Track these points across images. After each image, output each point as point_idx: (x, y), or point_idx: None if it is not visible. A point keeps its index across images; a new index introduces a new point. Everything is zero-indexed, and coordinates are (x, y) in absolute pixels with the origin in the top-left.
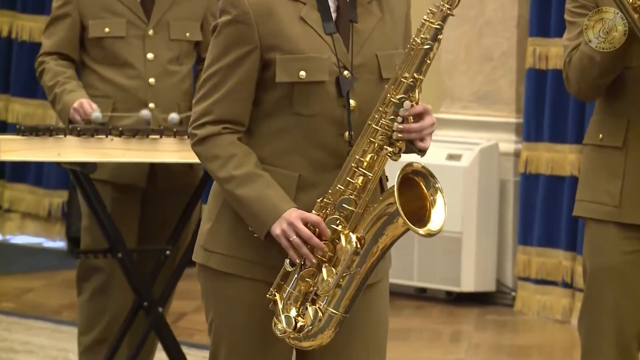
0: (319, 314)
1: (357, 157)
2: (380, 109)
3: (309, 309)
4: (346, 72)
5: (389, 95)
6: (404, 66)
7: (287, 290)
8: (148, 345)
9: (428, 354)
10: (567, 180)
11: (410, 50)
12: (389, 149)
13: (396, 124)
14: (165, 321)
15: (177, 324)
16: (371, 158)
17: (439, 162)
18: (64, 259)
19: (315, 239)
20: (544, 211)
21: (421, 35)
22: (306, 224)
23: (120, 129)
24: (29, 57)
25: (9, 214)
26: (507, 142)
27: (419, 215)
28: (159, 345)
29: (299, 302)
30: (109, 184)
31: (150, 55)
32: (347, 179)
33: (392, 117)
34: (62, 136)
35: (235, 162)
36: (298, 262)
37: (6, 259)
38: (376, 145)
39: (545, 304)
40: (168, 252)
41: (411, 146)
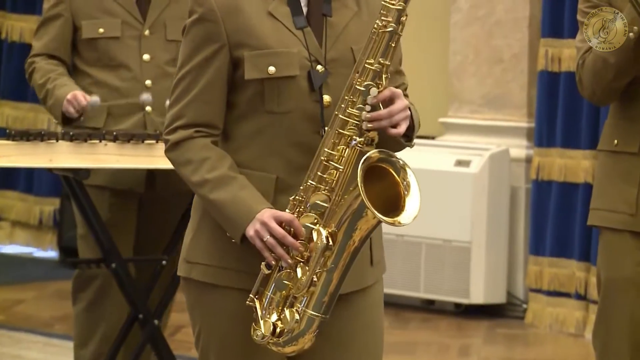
0: (297, 316)
1: (327, 150)
2: (347, 97)
3: (286, 311)
4: (319, 67)
5: (354, 82)
6: (367, 52)
7: (267, 295)
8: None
9: None
10: (580, 188)
11: (372, 35)
12: (359, 139)
13: (364, 112)
14: (161, 334)
15: (173, 337)
16: (342, 150)
17: (447, 168)
18: (55, 269)
19: (289, 238)
20: (556, 220)
21: (383, 18)
22: (280, 223)
23: (115, 133)
24: (19, 58)
25: None
26: (518, 148)
27: (395, 204)
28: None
29: (280, 307)
30: (106, 190)
31: (146, 57)
32: (319, 173)
33: (359, 105)
34: (54, 141)
35: (208, 166)
36: (274, 264)
37: None
38: (346, 136)
39: (558, 317)
40: (164, 262)
41: (390, 136)
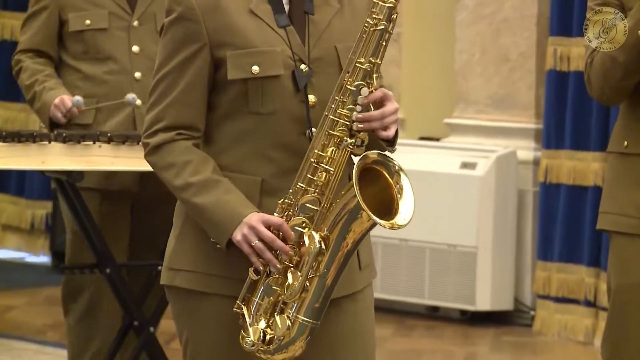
0: (288, 322)
1: (317, 151)
2: (337, 97)
3: (277, 318)
4: (303, 66)
5: (345, 82)
6: (358, 50)
7: (255, 301)
8: None
9: None
10: (590, 191)
11: (363, 34)
12: (349, 140)
13: (355, 113)
14: (157, 342)
15: (169, 344)
16: (332, 152)
17: (452, 170)
18: (48, 275)
19: (278, 242)
20: (565, 224)
21: (374, 16)
22: (269, 227)
23: (109, 134)
24: (10, 57)
25: None
26: (526, 150)
27: (388, 207)
28: None
29: (268, 313)
30: (97, 192)
31: (135, 48)
32: (308, 176)
33: (350, 106)
34: (47, 143)
35: (191, 169)
36: (262, 269)
37: None
38: (336, 137)
39: (567, 324)
40: (160, 267)
41: (375, 138)
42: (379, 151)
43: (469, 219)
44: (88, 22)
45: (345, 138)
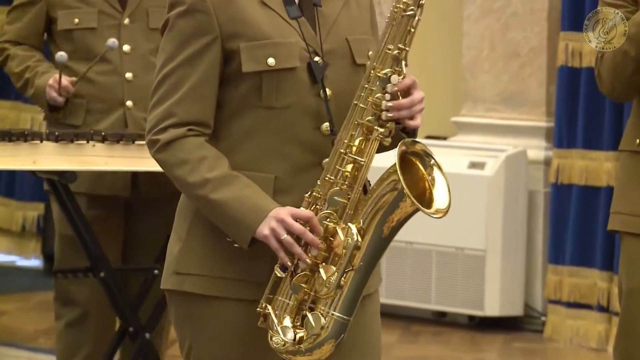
0: (322, 320)
1: (345, 141)
2: (366, 85)
3: (309, 316)
4: (317, 58)
5: (374, 70)
6: (386, 37)
7: (280, 300)
8: None
9: None
10: (603, 192)
11: (392, 20)
12: (379, 129)
13: (384, 101)
14: (153, 348)
15: (166, 351)
16: (360, 142)
17: (460, 170)
18: (39, 279)
19: (309, 234)
20: (577, 226)
21: (403, 1)
22: (296, 220)
23: (103, 133)
24: None
25: None
26: (536, 149)
27: (421, 198)
28: None
29: (294, 312)
30: (84, 197)
31: (126, 47)
32: (337, 167)
33: (378, 94)
34: (38, 142)
35: (207, 165)
36: (290, 264)
37: None
38: (365, 127)
39: (579, 330)
40: (156, 271)
41: (397, 127)
42: (418, 141)
43: (477, 220)
44: (77, 20)
45: (376, 128)
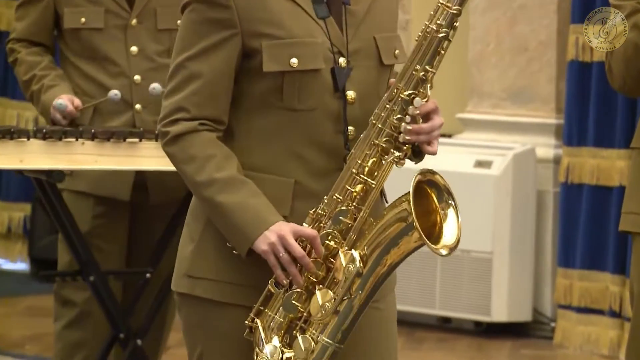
0: (311, 343)
1: (359, 161)
2: (387, 106)
3: (299, 337)
4: (342, 59)
5: (397, 90)
6: (414, 57)
7: (270, 316)
8: None
9: None
10: (615, 192)
11: (422, 39)
12: (395, 153)
13: (404, 124)
14: (145, 356)
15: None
16: (373, 163)
17: (465, 169)
18: (26, 283)
19: (306, 259)
20: (588, 227)
21: (436, 21)
22: (297, 239)
23: (93, 131)
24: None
25: None
26: (546, 147)
27: (430, 231)
28: None
29: (283, 330)
30: (90, 197)
31: (134, 49)
32: (346, 187)
33: (399, 115)
34: (25, 139)
35: (215, 164)
36: (285, 282)
37: None
38: (380, 148)
39: (590, 337)
40: (148, 275)
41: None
42: (436, 171)
43: (483, 222)
44: (83, 20)
45: (392, 150)
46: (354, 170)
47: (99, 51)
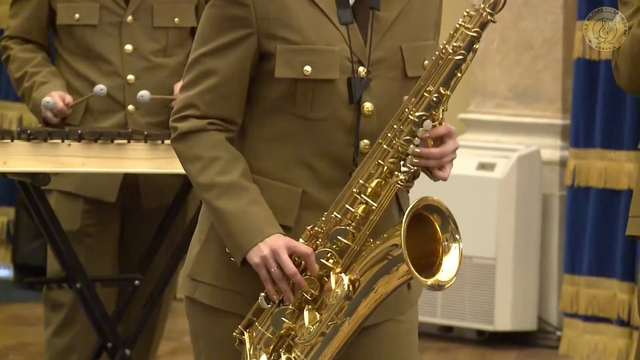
0: None
1: (361, 181)
2: (395, 126)
3: (283, 357)
4: (361, 69)
5: (407, 110)
6: (429, 77)
7: (259, 330)
8: None
9: None
10: (623, 195)
11: (438, 59)
12: (400, 176)
13: (412, 146)
14: None
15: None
16: (377, 184)
17: (468, 172)
18: (9, 291)
19: (299, 277)
20: (595, 232)
21: (453, 43)
22: (291, 255)
23: (80, 132)
24: None
25: None
26: (551, 148)
27: (428, 261)
28: None
29: (271, 347)
30: (79, 198)
31: (128, 47)
32: (346, 206)
33: (407, 137)
34: (9, 141)
35: (218, 167)
36: (275, 298)
37: None
38: (385, 169)
39: (597, 346)
40: (137, 282)
41: (427, 173)
42: (438, 199)
43: (486, 227)
44: (77, 16)
45: (396, 173)
46: (355, 190)
47: (92, 49)
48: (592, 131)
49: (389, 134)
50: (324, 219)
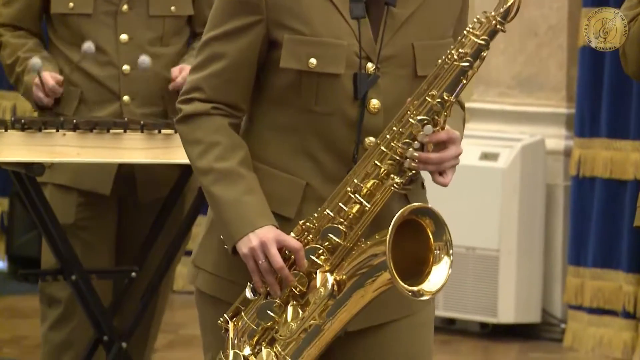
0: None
1: (356, 180)
2: (395, 128)
3: (264, 351)
4: (370, 65)
5: (409, 113)
6: (433, 81)
7: (245, 321)
8: None
9: None
10: (629, 185)
11: (444, 64)
12: (396, 179)
13: (411, 150)
14: (130, 359)
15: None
16: (373, 185)
17: (471, 162)
18: (3, 283)
19: (286, 271)
20: (600, 223)
21: (460, 49)
22: (281, 248)
23: (75, 121)
24: None
25: None
26: (556, 138)
27: (417, 269)
28: None
29: (255, 339)
30: (74, 190)
31: (123, 37)
32: (340, 204)
33: (407, 140)
34: (3, 130)
35: (217, 153)
36: (262, 291)
37: None
38: (382, 170)
39: (602, 339)
40: (134, 274)
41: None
42: (430, 206)
43: (490, 218)
44: (72, 5)
45: (392, 175)
46: (349, 189)
47: (87, 38)
48: (598, 120)
49: (387, 136)
50: (316, 215)
